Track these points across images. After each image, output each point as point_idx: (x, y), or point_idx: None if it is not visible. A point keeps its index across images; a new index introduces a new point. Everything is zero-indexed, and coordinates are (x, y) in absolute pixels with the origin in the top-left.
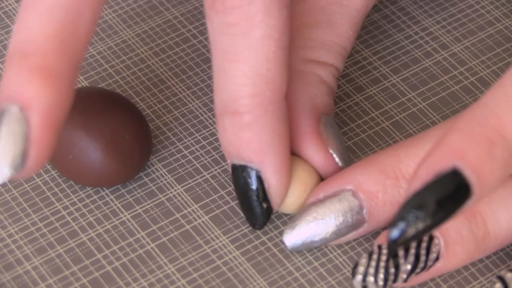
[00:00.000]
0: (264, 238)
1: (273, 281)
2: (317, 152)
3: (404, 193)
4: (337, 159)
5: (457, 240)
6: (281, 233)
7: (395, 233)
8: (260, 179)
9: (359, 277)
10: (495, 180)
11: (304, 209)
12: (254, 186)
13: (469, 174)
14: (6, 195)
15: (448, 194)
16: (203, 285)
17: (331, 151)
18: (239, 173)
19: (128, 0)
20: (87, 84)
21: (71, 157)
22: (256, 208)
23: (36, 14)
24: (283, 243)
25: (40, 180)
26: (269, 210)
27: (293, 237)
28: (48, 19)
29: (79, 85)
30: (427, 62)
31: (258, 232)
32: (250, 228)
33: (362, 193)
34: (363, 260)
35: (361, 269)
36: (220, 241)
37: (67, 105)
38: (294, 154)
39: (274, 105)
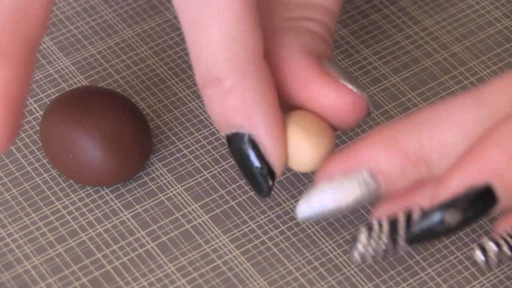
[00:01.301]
0: (264, 238)
1: (273, 281)
2: (328, 86)
3: (435, 186)
4: (350, 87)
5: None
6: (281, 233)
7: (416, 229)
8: (254, 143)
9: (357, 256)
10: None
11: (319, 187)
12: (249, 151)
13: (500, 191)
14: (5, 194)
15: (475, 205)
16: (203, 284)
17: (342, 81)
18: (233, 142)
19: (128, 0)
20: (87, 83)
21: (71, 156)
22: (258, 174)
23: None
24: (300, 251)
25: (40, 179)
26: (270, 173)
27: (306, 211)
28: (1, 2)
29: (79, 84)
30: (427, 62)
31: (258, 231)
32: (250, 227)
33: (381, 176)
34: (362, 237)
35: (360, 247)
36: (220, 241)
37: (23, 85)
38: (303, 108)
39: (252, 65)
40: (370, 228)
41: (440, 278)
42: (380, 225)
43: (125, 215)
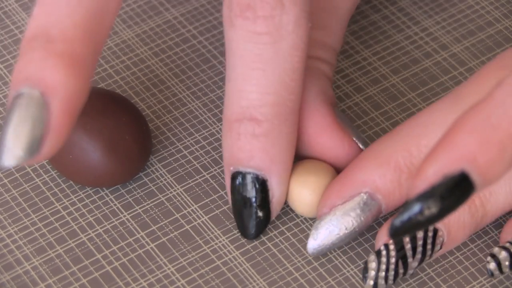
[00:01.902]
0: (263, 238)
1: (272, 281)
2: (342, 142)
3: (413, 178)
4: (361, 146)
5: (458, 228)
6: (281, 233)
7: (397, 222)
8: (265, 188)
9: (370, 282)
10: (499, 177)
11: (324, 217)
12: (257, 194)
13: (476, 176)
14: (5, 195)
15: (452, 192)
16: (203, 285)
17: (354, 138)
18: (242, 180)
19: (128, 1)
20: None
21: (70, 157)
22: (254, 218)
23: (64, 1)
24: (300, 251)
25: (40, 180)
26: (267, 220)
27: (316, 246)
28: (77, 7)
29: None
30: (427, 63)
31: None
32: None
33: (379, 194)
34: (373, 264)
35: (372, 273)
36: (220, 241)
37: (86, 95)
38: (309, 153)
39: (293, 115)
40: (379, 253)
41: (440, 279)
42: (388, 249)
43: (124, 216)
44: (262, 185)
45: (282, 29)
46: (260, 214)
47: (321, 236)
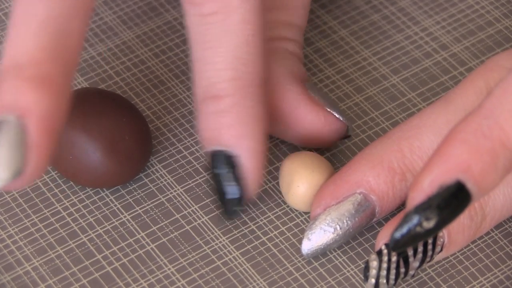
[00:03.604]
0: (263, 239)
1: (272, 282)
2: (317, 115)
3: (409, 189)
4: (337, 115)
5: (458, 230)
6: (281, 234)
7: (397, 235)
8: (236, 164)
9: (372, 281)
10: (494, 185)
11: (318, 217)
12: (227, 171)
13: (471, 185)
14: (6, 196)
15: (450, 203)
16: (203, 285)
17: (328, 109)
18: (214, 159)
19: (128, 2)
20: (87, 85)
21: (71, 158)
22: (228, 194)
23: (28, 28)
24: (299, 251)
25: (40, 181)
26: (242, 196)
27: (310, 247)
28: (40, 32)
29: (79, 86)
30: (427, 63)
31: (258, 232)
32: (250, 228)
33: (373, 195)
34: (374, 263)
35: (373, 272)
36: (220, 242)
37: (63, 112)
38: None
39: (254, 88)
40: (380, 253)
41: (440, 279)
42: (389, 249)
43: (125, 217)
44: (231, 162)
45: (229, 6)
46: (234, 191)
47: (315, 236)
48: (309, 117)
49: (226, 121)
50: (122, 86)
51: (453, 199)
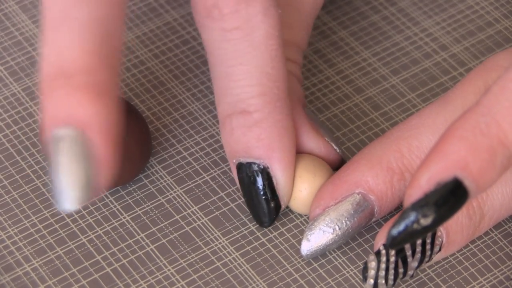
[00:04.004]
0: (263, 240)
1: (272, 282)
2: (317, 144)
3: (407, 188)
4: (334, 147)
5: (457, 230)
6: (281, 235)
7: (394, 231)
8: (268, 176)
9: (370, 282)
10: (492, 183)
11: (317, 218)
12: (262, 183)
13: (469, 183)
14: (5, 196)
15: (447, 200)
16: (203, 286)
17: (327, 139)
18: (246, 171)
19: (128, 3)
20: None
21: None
22: (264, 206)
23: (70, 32)
24: (299, 252)
25: (40, 182)
26: (277, 207)
27: (310, 247)
28: (86, 34)
29: None
30: (426, 63)
31: (258, 233)
32: (250, 229)
33: (372, 195)
34: (373, 263)
35: (371, 272)
36: (220, 243)
37: (117, 119)
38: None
39: (282, 101)
40: (378, 254)
41: (440, 279)
42: (387, 249)
43: (124, 218)
44: (264, 173)
45: (251, 21)
46: (269, 201)
47: (315, 237)
48: (309, 144)
49: (255, 135)
50: (122, 87)
51: (451, 196)
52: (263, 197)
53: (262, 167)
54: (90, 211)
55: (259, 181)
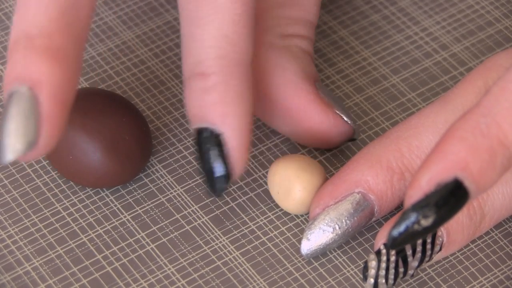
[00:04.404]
0: (264, 239)
1: (272, 282)
2: (327, 116)
3: (407, 188)
4: (345, 118)
5: (457, 230)
6: (281, 234)
7: (395, 232)
8: (220, 142)
9: (371, 281)
10: (492, 183)
11: (317, 217)
12: (213, 148)
13: (469, 183)
14: (6, 196)
15: (447, 200)
16: (203, 285)
17: (337, 112)
18: (200, 136)
19: (128, 2)
20: (88, 85)
21: (71, 158)
22: (214, 171)
23: (38, 1)
24: (299, 252)
25: (40, 181)
26: (228, 175)
27: (310, 246)
28: (51, 3)
29: (80, 86)
30: (427, 63)
31: (258, 232)
32: (250, 228)
33: (372, 194)
34: (373, 263)
35: (372, 272)
36: (220, 242)
37: (74, 84)
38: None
39: (240, 67)
40: (378, 253)
41: (440, 279)
42: (387, 249)
43: (125, 217)
44: (217, 139)
45: None
46: (219, 168)
47: (315, 236)
48: (318, 117)
49: (211, 99)
50: (122, 86)
51: (451, 197)
52: (214, 163)
53: (215, 132)
54: (91, 210)
55: (211, 146)
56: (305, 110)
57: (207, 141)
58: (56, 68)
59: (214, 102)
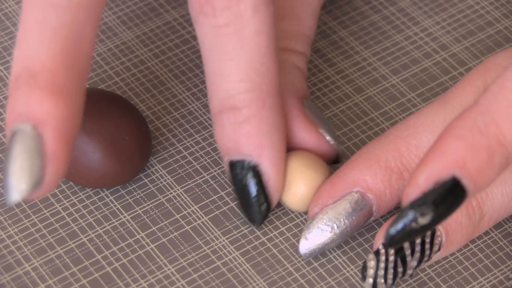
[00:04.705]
0: (263, 239)
1: (272, 282)
2: (309, 134)
3: (405, 187)
4: (328, 138)
5: (456, 229)
6: (281, 234)
7: (392, 230)
8: (258, 173)
9: (370, 281)
10: (490, 182)
11: (315, 216)
12: (251, 179)
13: (467, 182)
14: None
15: (445, 199)
16: (203, 285)
17: (321, 131)
18: (237, 169)
19: (128, 2)
20: (87, 86)
21: (70, 158)
22: (255, 204)
23: (40, 35)
24: (299, 252)
25: None
26: (268, 206)
27: (308, 246)
28: (53, 39)
29: None
30: (426, 63)
31: (258, 232)
32: (250, 228)
33: (370, 194)
34: (372, 263)
35: (371, 272)
36: (220, 242)
37: (78, 120)
38: (299, 149)
39: (271, 98)
40: (377, 253)
41: (440, 279)
42: (386, 248)
43: (124, 217)
44: (254, 171)
45: (242, 18)
46: (259, 199)
47: (313, 236)
48: (301, 135)
49: (245, 132)
50: (122, 86)
51: (449, 195)
52: (253, 195)
53: (252, 164)
54: (90, 210)
55: (249, 179)
56: (288, 126)
57: (244, 173)
58: (61, 105)
59: (249, 135)
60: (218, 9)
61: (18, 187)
